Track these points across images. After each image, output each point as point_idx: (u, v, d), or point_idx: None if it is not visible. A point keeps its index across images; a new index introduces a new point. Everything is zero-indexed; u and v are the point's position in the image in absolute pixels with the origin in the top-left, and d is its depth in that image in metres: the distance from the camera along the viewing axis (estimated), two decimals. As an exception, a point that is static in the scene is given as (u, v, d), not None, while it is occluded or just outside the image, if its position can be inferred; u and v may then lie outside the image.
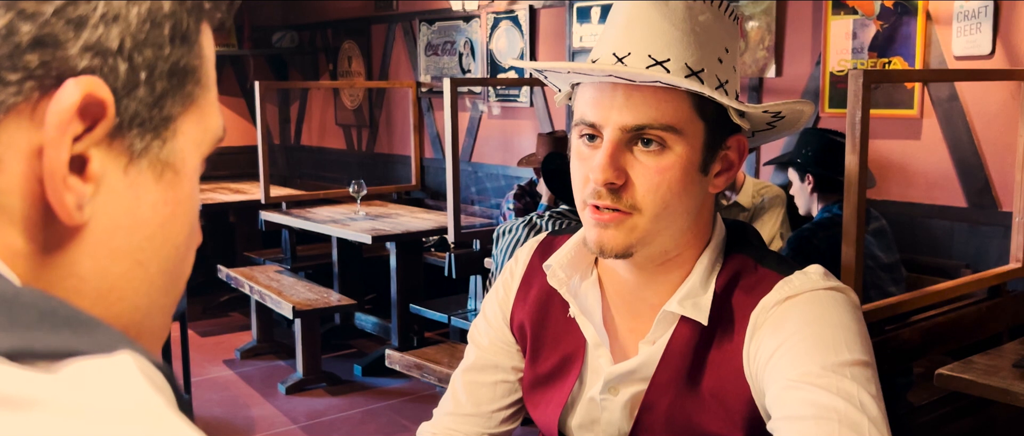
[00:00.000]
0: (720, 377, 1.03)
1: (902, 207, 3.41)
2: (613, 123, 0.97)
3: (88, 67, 0.40)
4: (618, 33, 1.01)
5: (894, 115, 3.40)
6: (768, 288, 1.02)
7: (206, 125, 0.47)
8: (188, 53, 0.45)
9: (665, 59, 0.97)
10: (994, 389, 2.08)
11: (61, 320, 0.36)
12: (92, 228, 0.42)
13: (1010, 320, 2.79)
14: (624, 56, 0.99)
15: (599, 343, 1.10)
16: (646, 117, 0.96)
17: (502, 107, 5.12)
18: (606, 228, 1.00)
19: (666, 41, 0.97)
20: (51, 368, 0.34)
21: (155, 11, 0.42)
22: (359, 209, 4.61)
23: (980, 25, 3.11)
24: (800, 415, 0.90)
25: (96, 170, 0.41)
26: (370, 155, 6.18)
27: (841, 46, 3.53)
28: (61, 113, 0.39)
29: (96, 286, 0.43)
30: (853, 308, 1.01)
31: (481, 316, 1.25)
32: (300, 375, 4.22)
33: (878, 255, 2.75)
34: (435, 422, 1.24)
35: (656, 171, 0.97)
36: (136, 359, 0.36)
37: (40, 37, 0.39)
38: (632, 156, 0.98)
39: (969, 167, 3.24)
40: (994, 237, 3.16)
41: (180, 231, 0.47)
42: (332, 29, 6.39)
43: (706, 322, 1.02)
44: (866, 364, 0.94)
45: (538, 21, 4.83)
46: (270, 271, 4.72)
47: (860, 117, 2.12)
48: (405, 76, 5.76)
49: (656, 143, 0.97)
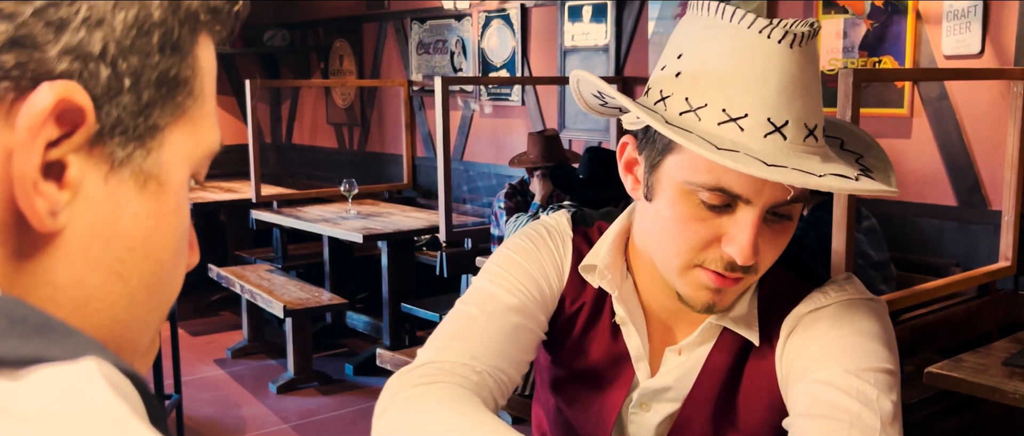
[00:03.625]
0: (754, 390, 1.02)
1: (892, 206, 3.42)
2: (765, 200, 0.88)
3: (67, 71, 0.39)
4: (764, 92, 0.85)
5: (884, 114, 3.41)
6: (801, 297, 1.01)
7: (199, 137, 0.46)
8: (179, 63, 0.44)
9: (814, 126, 0.87)
10: (984, 387, 2.08)
11: (31, 327, 0.35)
12: (68, 236, 0.41)
13: (999, 318, 2.80)
14: (782, 126, 0.85)
15: (642, 356, 1.07)
16: (796, 192, 0.88)
17: (494, 106, 5.12)
18: (722, 292, 0.95)
19: (815, 101, 0.87)
20: (14, 375, 0.33)
21: (143, 18, 0.41)
22: (350, 208, 4.60)
23: (970, 24, 3.12)
24: (814, 413, 0.90)
25: (74, 177, 0.40)
26: (361, 154, 6.17)
27: (832, 45, 3.54)
28: (33, 117, 0.38)
29: (73, 296, 0.42)
30: (883, 316, 1.00)
31: (510, 275, 1.08)
32: (291, 374, 4.21)
33: (869, 253, 2.76)
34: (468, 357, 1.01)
35: (782, 237, 0.93)
36: (101, 365, 0.35)
37: (17, 38, 0.38)
38: (763, 225, 0.90)
39: (959, 166, 3.25)
40: (984, 236, 3.17)
41: (165, 245, 0.45)
42: (323, 27, 6.38)
43: (758, 342, 1.01)
44: (890, 372, 0.94)
45: (530, 20, 4.83)
46: (261, 270, 4.70)
47: (851, 116, 2.13)
48: (397, 75, 5.75)
49: (789, 212, 0.92)
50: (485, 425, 0.90)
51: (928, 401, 2.62)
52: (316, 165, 6.59)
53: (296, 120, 6.87)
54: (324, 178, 6.09)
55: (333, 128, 6.47)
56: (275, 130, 7.02)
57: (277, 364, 4.53)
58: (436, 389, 0.96)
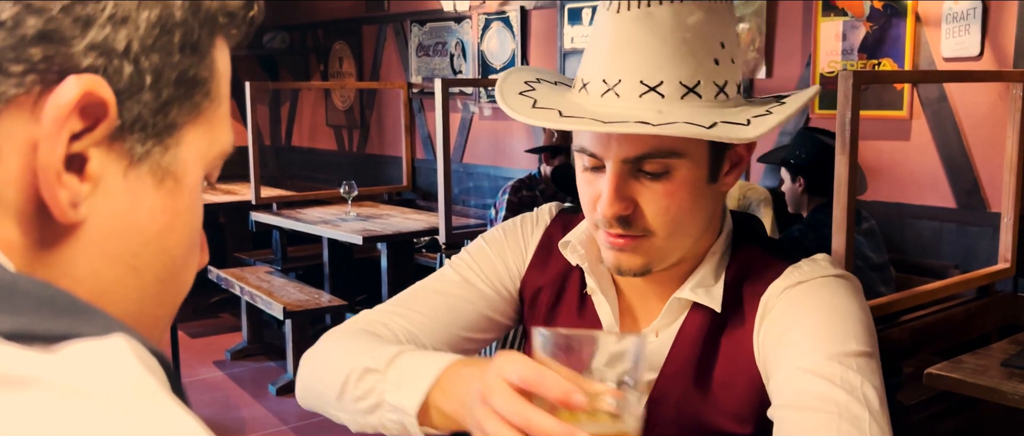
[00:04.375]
0: (731, 366, 1.03)
1: (891, 208, 3.42)
2: (614, 156, 0.95)
3: (92, 66, 0.40)
4: (606, 55, 0.96)
5: (884, 116, 3.42)
6: (777, 274, 1.02)
7: (213, 138, 0.47)
8: (198, 63, 0.45)
9: (658, 83, 0.93)
10: (983, 388, 2.09)
11: (60, 307, 0.36)
12: (88, 228, 0.42)
13: (999, 320, 2.80)
14: (615, 84, 0.94)
15: (613, 324, 1.09)
16: (646, 146, 0.94)
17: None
18: (622, 251, 0.99)
19: (657, 61, 0.93)
20: (49, 349, 0.34)
21: (165, 18, 0.42)
22: (350, 210, 4.61)
23: (969, 27, 3.13)
24: (801, 405, 0.90)
25: (95, 170, 0.41)
26: (361, 156, 6.17)
27: (831, 47, 3.55)
28: (59, 108, 0.39)
29: (90, 288, 0.43)
30: (860, 296, 1.01)
31: (472, 258, 1.17)
32: (291, 376, 4.21)
33: (868, 255, 2.76)
34: (393, 316, 1.11)
35: (664, 195, 0.96)
36: (129, 342, 0.36)
37: (45, 32, 0.39)
38: (638, 183, 0.96)
39: (958, 168, 3.25)
40: (983, 237, 3.18)
41: (178, 242, 0.46)
42: (323, 30, 6.38)
43: (719, 309, 1.02)
44: (871, 356, 0.94)
45: (529, 22, 4.84)
46: (260, 272, 4.70)
47: (850, 118, 2.14)
48: (396, 77, 5.76)
49: (660, 168, 0.95)
50: (367, 344, 1.00)
51: (927, 402, 2.62)
52: (315, 167, 6.59)
53: (295, 122, 6.87)
54: (323, 180, 6.10)
55: (332, 130, 6.47)
56: (274, 132, 7.03)
57: (277, 366, 4.53)
58: (343, 328, 1.09)
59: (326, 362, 1.04)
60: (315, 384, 1.05)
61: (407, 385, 0.89)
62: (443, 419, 0.87)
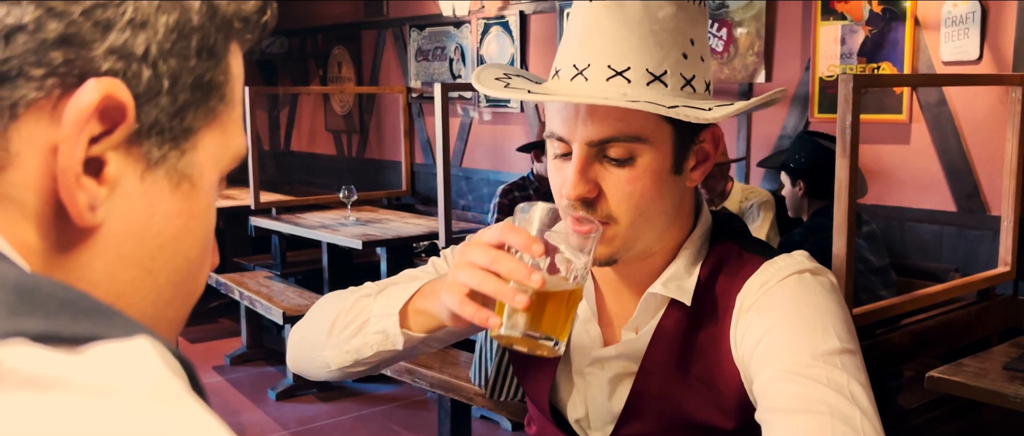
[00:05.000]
0: (709, 362, 1.03)
1: (892, 211, 3.43)
2: (579, 138, 0.98)
3: (111, 70, 0.41)
4: (576, 43, 1.00)
5: (883, 120, 3.42)
6: (752, 270, 1.03)
7: (227, 142, 0.48)
8: (214, 68, 0.45)
9: (625, 68, 0.96)
10: (985, 391, 2.09)
11: (82, 310, 0.36)
12: (105, 232, 0.42)
13: (999, 323, 2.80)
14: (584, 68, 0.98)
15: (590, 317, 1.11)
16: (610, 130, 0.96)
17: (493, 113, 5.12)
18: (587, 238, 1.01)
19: (625, 48, 0.96)
20: (74, 350, 0.34)
21: (183, 22, 0.43)
22: (349, 214, 4.60)
23: (968, 30, 3.13)
24: (791, 408, 0.90)
25: (112, 174, 0.42)
26: (360, 160, 6.17)
27: (830, 51, 3.55)
28: (79, 111, 0.40)
29: (106, 291, 0.43)
30: (837, 292, 1.02)
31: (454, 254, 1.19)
32: (290, 381, 4.21)
33: (869, 259, 2.76)
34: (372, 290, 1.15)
35: (627, 181, 0.98)
36: (153, 344, 0.37)
37: (66, 35, 0.39)
38: (603, 168, 0.98)
39: (958, 171, 3.25)
40: (983, 241, 3.18)
41: (193, 245, 0.47)
42: (322, 34, 6.38)
43: (690, 303, 1.03)
44: (853, 352, 0.94)
45: (529, 26, 4.84)
46: (260, 276, 4.70)
47: (851, 121, 2.14)
48: (395, 82, 5.76)
49: (624, 154, 0.97)
50: (355, 290, 1.11)
51: (928, 406, 2.62)
52: (314, 172, 6.59)
53: (294, 127, 6.87)
54: (322, 185, 6.10)
55: (331, 135, 6.47)
56: (273, 137, 7.02)
57: (276, 371, 4.52)
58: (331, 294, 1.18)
59: (317, 312, 1.15)
60: (305, 333, 1.15)
61: (392, 299, 1.04)
62: (420, 317, 1.01)
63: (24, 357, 0.33)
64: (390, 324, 1.02)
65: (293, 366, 1.18)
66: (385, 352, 1.04)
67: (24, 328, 0.33)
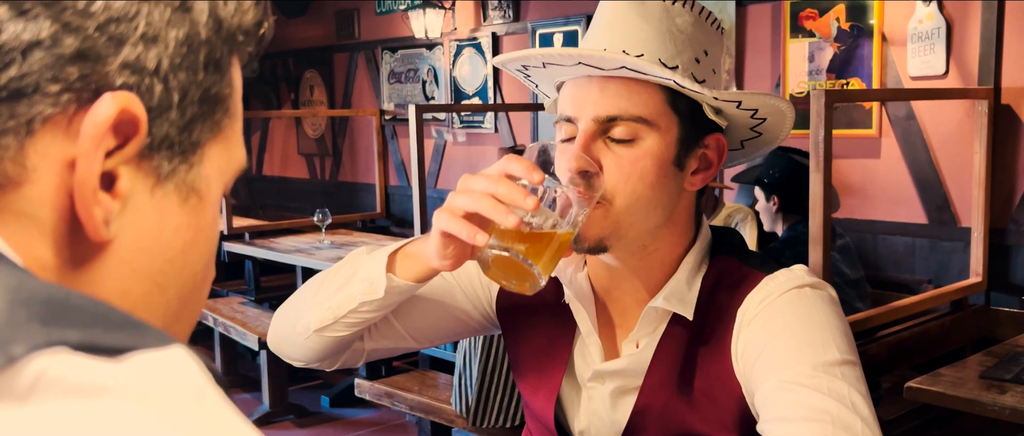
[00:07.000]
0: (710, 376, 1.03)
1: (864, 224, 3.47)
2: (587, 114, 1.00)
3: (125, 84, 0.41)
4: (597, 32, 1.03)
5: (854, 135, 3.47)
6: (753, 285, 1.03)
7: (231, 154, 0.48)
8: (220, 81, 0.45)
9: (639, 54, 0.99)
10: (963, 400, 2.11)
11: (114, 322, 0.36)
12: (116, 247, 0.42)
13: (973, 333, 2.84)
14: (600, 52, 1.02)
15: (591, 331, 1.10)
16: (617, 108, 0.99)
17: (467, 133, 5.13)
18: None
19: (642, 37, 1.00)
20: (115, 359, 0.34)
21: (192, 36, 0.43)
22: (324, 238, 4.57)
23: (933, 46, 3.19)
24: (792, 417, 0.90)
25: (124, 188, 0.42)
26: (334, 184, 6.15)
27: (799, 68, 3.60)
28: (97, 125, 0.40)
29: (118, 306, 0.43)
30: (837, 305, 1.02)
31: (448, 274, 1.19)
32: (267, 408, 4.16)
33: (844, 271, 2.79)
34: None
35: (628, 161, 0.99)
36: (189, 353, 0.37)
37: (82, 50, 0.39)
38: (606, 147, 1.00)
39: (928, 184, 3.30)
40: (954, 252, 3.23)
41: (199, 258, 0.47)
42: (293, 58, 6.37)
43: (691, 316, 1.03)
44: (854, 364, 0.95)
45: (501, 48, 4.86)
46: (234, 302, 4.65)
47: (823, 136, 2.16)
48: (368, 104, 5.75)
49: (628, 134, 0.99)
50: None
51: (908, 416, 2.64)
52: (287, 196, 6.55)
53: (266, 151, 6.83)
54: (296, 209, 6.06)
55: (304, 159, 6.44)
56: (245, 162, 6.98)
57: (252, 398, 4.46)
58: None
59: (309, 281, 1.14)
60: (293, 300, 1.15)
61: (386, 250, 1.04)
62: (408, 261, 1.02)
63: (69, 365, 0.33)
64: (375, 269, 1.02)
65: (272, 340, 1.17)
66: (367, 304, 1.03)
67: (65, 338, 0.33)
